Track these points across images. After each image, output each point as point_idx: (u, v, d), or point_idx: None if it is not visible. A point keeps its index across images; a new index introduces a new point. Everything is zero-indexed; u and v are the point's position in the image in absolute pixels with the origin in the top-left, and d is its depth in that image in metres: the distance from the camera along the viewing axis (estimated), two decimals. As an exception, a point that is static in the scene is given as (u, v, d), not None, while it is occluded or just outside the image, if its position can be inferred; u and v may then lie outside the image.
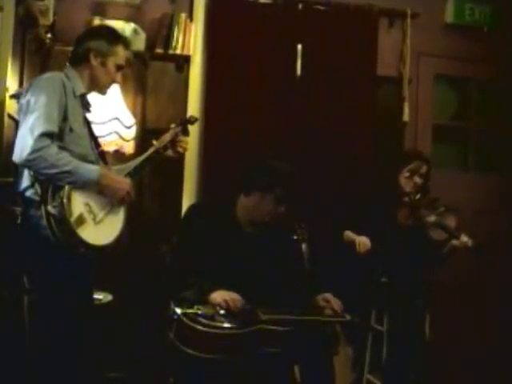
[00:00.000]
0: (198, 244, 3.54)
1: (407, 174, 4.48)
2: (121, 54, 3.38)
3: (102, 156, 3.41)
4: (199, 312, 3.30)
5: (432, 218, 4.33)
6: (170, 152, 3.59)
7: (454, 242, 4.32)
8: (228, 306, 3.34)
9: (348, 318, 3.62)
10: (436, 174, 4.95)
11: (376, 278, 4.35)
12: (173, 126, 3.66)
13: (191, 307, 3.32)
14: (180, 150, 3.60)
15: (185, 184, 4.90)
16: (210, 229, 3.60)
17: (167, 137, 3.58)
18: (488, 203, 5.53)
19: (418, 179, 4.48)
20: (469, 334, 5.33)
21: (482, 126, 5.76)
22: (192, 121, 3.80)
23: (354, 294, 4.25)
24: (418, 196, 4.43)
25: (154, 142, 3.57)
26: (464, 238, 4.30)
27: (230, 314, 3.34)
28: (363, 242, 4.27)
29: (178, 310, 3.31)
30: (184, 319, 3.27)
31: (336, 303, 3.59)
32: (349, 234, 4.38)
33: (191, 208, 3.96)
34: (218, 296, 3.38)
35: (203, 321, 3.26)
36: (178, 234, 3.69)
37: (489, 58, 5.54)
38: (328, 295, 3.62)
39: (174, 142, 3.56)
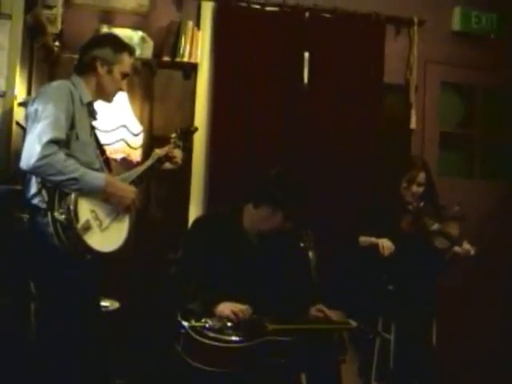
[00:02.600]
0: (203, 255, 3.53)
1: (405, 185, 4.49)
2: (126, 61, 3.41)
3: (107, 163, 3.43)
4: (206, 325, 3.29)
5: (435, 226, 4.32)
6: (167, 165, 3.63)
7: (456, 248, 4.32)
8: (237, 317, 3.34)
9: (354, 324, 3.62)
10: (442, 181, 4.95)
11: (382, 286, 4.35)
12: (173, 135, 3.70)
13: (198, 320, 3.31)
14: (177, 160, 3.64)
15: (192, 192, 4.91)
16: (215, 240, 3.58)
17: (169, 146, 3.64)
18: (493, 210, 5.52)
19: (416, 188, 4.47)
20: (475, 341, 5.32)
21: (488, 133, 5.75)
22: (192, 131, 3.83)
23: (361, 302, 4.27)
24: (421, 204, 4.43)
25: (157, 151, 3.60)
26: (466, 246, 4.31)
27: (238, 326, 3.33)
28: (387, 244, 4.28)
29: (185, 324, 3.30)
30: (191, 333, 3.26)
31: (330, 312, 3.59)
32: (366, 238, 4.38)
33: (197, 220, 3.95)
34: (226, 308, 3.37)
35: (211, 334, 3.24)
36: (183, 246, 3.68)
37: (495, 66, 5.55)
38: (321, 306, 3.62)
39: (169, 155, 3.61)
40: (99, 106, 3.51)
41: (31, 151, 2.96)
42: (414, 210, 4.41)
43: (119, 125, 4.25)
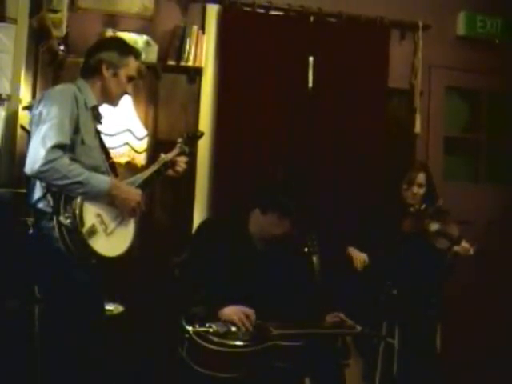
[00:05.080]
0: (208, 259, 3.53)
1: (405, 186, 4.53)
2: (132, 65, 3.41)
3: (113, 167, 3.42)
4: (211, 330, 3.28)
5: (435, 227, 4.34)
6: (170, 172, 3.61)
7: (456, 248, 4.33)
8: (242, 322, 3.33)
9: (358, 329, 3.62)
10: (447, 186, 4.95)
11: (386, 291, 4.35)
12: (180, 140, 3.69)
13: (202, 325, 3.30)
14: (179, 169, 3.61)
15: (196, 197, 4.90)
16: (221, 244, 3.59)
17: (175, 151, 3.62)
18: (499, 214, 5.52)
19: (416, 189, 4.51)
20: (479, 345, 5.31)
21: (493, 137, 5.75)
22: (198, 136, 3.83)
23: (365, 307, 4.26)
24: (423, 206, 4.46)
25: (163, 156, 3.59)
26: (465, 245, 4.31)
27: (242, 330, 3.33)
28: (361, 257, 4.37)
29: (190, 329, 3.29)
30: (196, 338, 3.25)
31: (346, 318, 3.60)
32: (350, 249, 4.44)
33: (203, 223, 3.96)
34: (231, 312, 3.37)
35: (215, 339, 3.24)
36: (189, 249, 3.68)
37: (500, 70, 5.55)
38: (339, 314, 3.62)
39: (173, 161, 3.59)
40: (104, 109, 3.52)
41: (35, 156, 2.96)
42: (415, 212, 4.44)
43: (123, 129, 4.25)
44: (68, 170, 2.97)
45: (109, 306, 4.10)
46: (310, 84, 5.12)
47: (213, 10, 5.00)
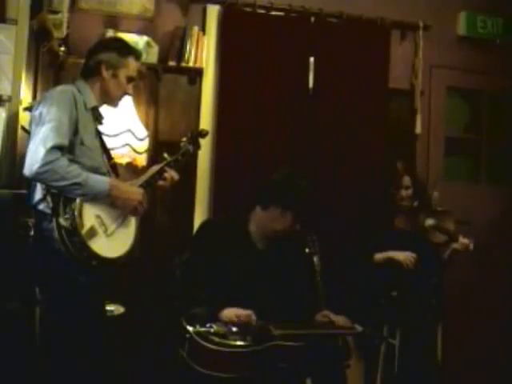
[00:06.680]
0: (209, 259, 3.54)
1: (393, 191, 4.54)
2: (132, 65, 3.39)
3: (114, 168, 3.42)
4: (211, 330, 3.28)
5: (430, 222, 4.35)
6: (160, 182, 3.48)
7: (455, 245, 4.34)
8: (241, 323, 3.33)
9: (359, 329, 3.61)
10: (448, 186, 4.94)
11: (387, 292, 4.35)
12: (184, 139, 3.66)
13: (203, 325, 3.30)
14: (167, 176, 3.47)
15: (197, 197, 4.90)
16: (222, 244, 3.59)
17: (178, 151, 3.60)
18: (500, 215, 5.51)
19: (404, 192, 4.54)
20: (480, 346, 5.31)
21: (493, 138, 5.74)
22: (203, 134, 3.80)
23: (367, 308, 4.27)
24: (415, 203, 4.47)
25: (166, 156, 3.57)
26: (464, 240, 4.32)
27: (243, 331, 3.33)
28: (408, 257, 4.32)
29: (190, 329, 3.29)
30: (196, 338, 3.26)
31: (336, 318, 3.59)
32: (389, 254, 4.40)
33: (204, 224, 3.96)
34: (230, 313, 3.37)
35: (216, 339, 3.24)
36: (189, 249, 3.68)
37: (501, 70, 5.54)
38: (326, 312, 3.62)
39: (162, 170, 3.50)
40: (104, 110, 3.51)
41: (34, 158, 2.95)
42: (408, 210, 4.46)
43: (124, 129, 4.25)
44: (66, 172, 2.96)
45: (110, 307, 4.10)
46: (311, 84, 5.12)
47: (213, 11, 5.00)
